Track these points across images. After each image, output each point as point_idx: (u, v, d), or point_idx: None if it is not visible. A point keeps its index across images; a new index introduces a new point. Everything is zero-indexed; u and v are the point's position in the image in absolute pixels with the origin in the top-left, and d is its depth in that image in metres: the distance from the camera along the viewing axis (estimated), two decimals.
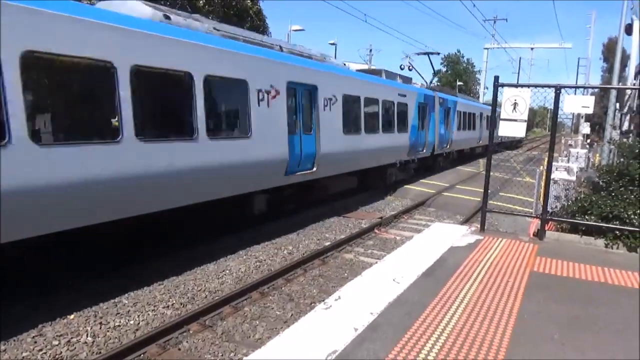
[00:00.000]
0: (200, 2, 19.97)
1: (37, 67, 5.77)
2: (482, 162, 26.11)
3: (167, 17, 8.02)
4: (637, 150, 8.14)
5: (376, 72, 16.94)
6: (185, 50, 7.66)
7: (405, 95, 17.16)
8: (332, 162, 12.17)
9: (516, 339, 3.73)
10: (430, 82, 24.06)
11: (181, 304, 6.82)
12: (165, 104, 7.81)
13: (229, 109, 9.30)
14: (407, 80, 18.90)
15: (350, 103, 13.04)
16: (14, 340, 5.60)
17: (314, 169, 11.56)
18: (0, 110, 5.24)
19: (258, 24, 23.00)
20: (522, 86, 7.01)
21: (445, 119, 22.52)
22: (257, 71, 9.27)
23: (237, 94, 9.06)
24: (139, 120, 6.81)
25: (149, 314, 6.44)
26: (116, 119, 6.63)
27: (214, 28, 9.01)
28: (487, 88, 53.17)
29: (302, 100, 11.10)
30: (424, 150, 19.69)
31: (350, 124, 13.08)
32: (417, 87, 20.01)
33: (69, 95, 6.41)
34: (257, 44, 9.88)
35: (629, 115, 15.82)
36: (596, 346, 3.71)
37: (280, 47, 10.87)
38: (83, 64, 6.23)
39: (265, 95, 9.50)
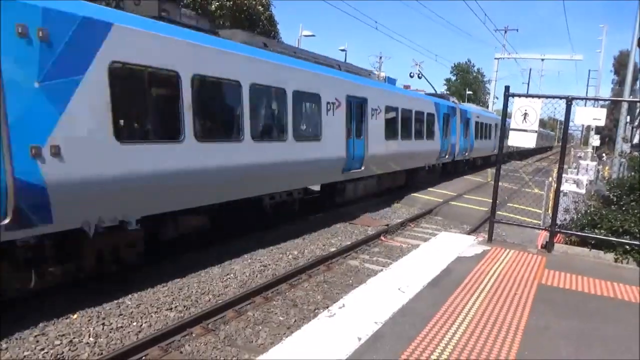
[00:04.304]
0: (213, 6, 20.13)
1: None
2: (490, 171, 25.92)
3: None
4: None
5: None
6: None
7: None
8: None
9: (523, 354, 3.66)
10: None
11: (184, 306, 6.79)
12: None
13: None
14: None
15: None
16: (16, 339, 5.60)
17: None
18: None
19: (269, 29, 23.11)
20: (532, 96, 6.92)
21: None
22: None
23: None
24: None
25: (151, 316, 6.42)
26: None
27: None
28: (497, 98, 52.91)
29: None
30: None
31: None
32: None
33: None
34: None
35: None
36: None
37: None
38: None
39: None
